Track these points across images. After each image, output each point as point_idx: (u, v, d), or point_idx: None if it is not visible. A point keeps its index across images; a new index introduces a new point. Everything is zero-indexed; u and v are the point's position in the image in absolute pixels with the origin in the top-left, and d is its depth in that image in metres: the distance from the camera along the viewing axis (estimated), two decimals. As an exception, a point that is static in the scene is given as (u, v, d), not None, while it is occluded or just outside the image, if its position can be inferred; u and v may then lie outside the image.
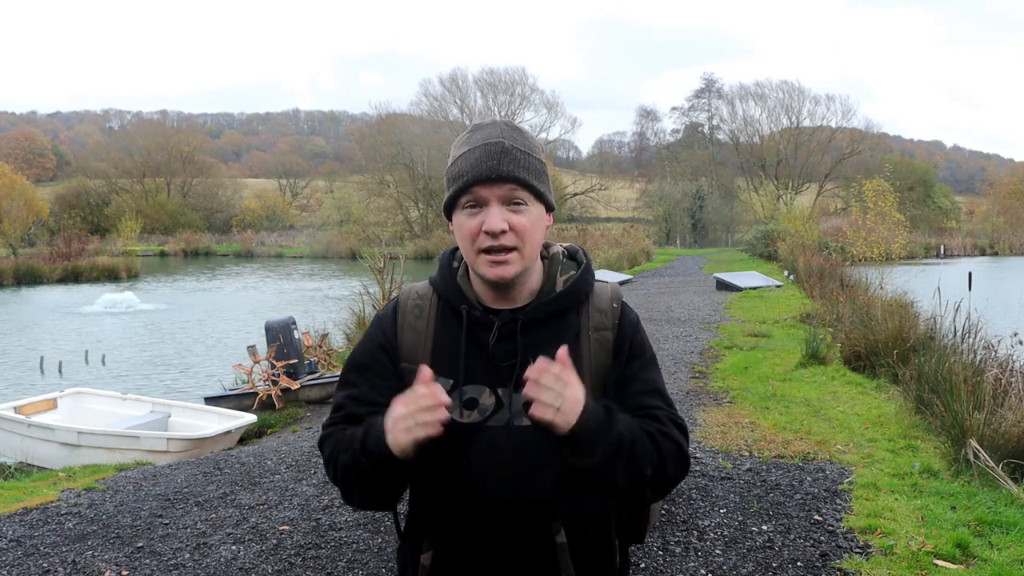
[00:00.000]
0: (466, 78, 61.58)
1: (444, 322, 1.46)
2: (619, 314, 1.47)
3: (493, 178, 1.36)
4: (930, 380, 6.21)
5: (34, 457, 7.38)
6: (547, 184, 1.43)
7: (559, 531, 1.39)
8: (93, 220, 59.95)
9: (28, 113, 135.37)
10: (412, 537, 1.49)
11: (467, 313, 1.43)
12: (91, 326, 18.87)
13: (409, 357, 1.45)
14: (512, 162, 1.37)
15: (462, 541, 1.41)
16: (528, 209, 1.39)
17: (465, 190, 1.38)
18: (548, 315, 1.43)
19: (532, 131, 10.27)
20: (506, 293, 1.43)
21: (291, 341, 8.85)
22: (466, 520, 1.39)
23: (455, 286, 1.47)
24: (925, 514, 4.14)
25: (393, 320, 1.49)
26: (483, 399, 1.40)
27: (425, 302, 1.49)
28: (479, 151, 1.38)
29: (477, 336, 1.42)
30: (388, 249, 17.43)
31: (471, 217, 1.38)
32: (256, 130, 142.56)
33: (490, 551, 1.40)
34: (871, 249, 18.31)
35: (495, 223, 1.35)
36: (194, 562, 3.91)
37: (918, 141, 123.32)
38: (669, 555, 3.79)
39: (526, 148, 1.40)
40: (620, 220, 56.70)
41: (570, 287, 1.46)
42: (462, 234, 1.40)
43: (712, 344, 10.33)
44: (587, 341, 1.44)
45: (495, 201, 1.37)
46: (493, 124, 1.43)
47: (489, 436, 1.38)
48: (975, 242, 50.51)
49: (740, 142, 63.72)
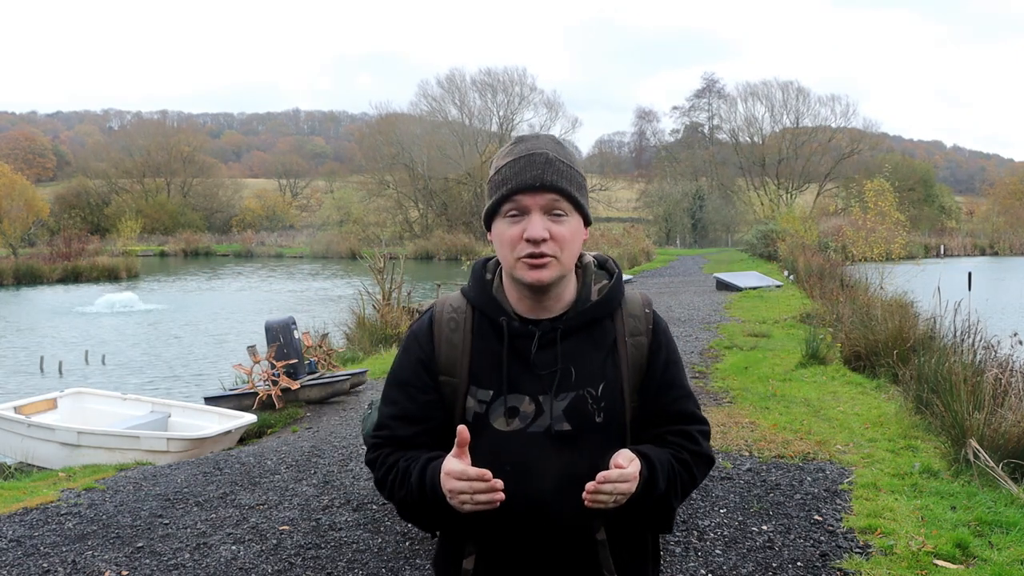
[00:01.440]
0: (464, 79, 61.59)
1: (481, 334, 1.49)
2: (652, 320, 1.54)
3: (537, 187, 1.39)
4: (930, 380, 6.21)
5: (34, 457, 7.37)
6: (586, 197, 1.48)
7: (599, 529, 1.44)
8: (93, 220, 59.90)
9: (28, 113, 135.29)
10: (452, 543, 1.52)
11: (507, 325, 1.46)
12: (91, 326, 18.87)
13: (448, 370, 1.49)
14: (556, 173, 1.40)
15: (504, 544, 1.45)
16: (568, 220, 1.42)
17: (508, 198, 1.41)
18: (585, 323, 1.47)
19: (532, 131, 10.26)
20: (542, 302, 1.46)
21: (291, 341, 8.84)
22: (508, 523, 1.43)
23: (491, 298, 1.50)
24: (925, 514, 4.14)
25: (429, 334, 1.52)
26: (523, 407, 1.44)
27: (460, 315, 1.52)
28: (523, 161, 1.41)
29: (517, 346, 1.45)
30: (388, 249, 17.45)
31: (513, 225, 1.41)
32: (256, 130, 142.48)
33: (532, 553, 1.44)
34: (871, 249, 18.31)
35: (537, 231, 1.38)
36: (194, 562, 3.91)
37: (918, 141, 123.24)
38: (669, 555, 3.79)
39: (569, 161, 1.44)
40: (620, 220, 56.66)
41: (606, 296, 1.50)
42: (503, 240, 1.43)
43: (712, 344, 10.33)
44: (624, 347, 1.49)
45: (537, 210, 1.40)
46: (537, 137, 1.47)
47: (530, 441, 1.43)
48: (975, 242, 50.53)
49: (740, 142, 63.69)
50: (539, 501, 1.41)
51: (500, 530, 1.44)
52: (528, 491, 1.41)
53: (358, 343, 11.91)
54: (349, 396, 8.73)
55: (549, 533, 1.43)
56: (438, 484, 1.36)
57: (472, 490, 1.32)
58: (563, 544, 1.44)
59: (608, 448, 1.41)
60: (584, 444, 1.43)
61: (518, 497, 1.40)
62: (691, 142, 67.21)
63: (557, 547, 1.44)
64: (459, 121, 59.81)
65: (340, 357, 10.46)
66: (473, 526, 1.46)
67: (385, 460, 1.49)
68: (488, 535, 1.46)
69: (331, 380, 8.71)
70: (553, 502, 1.41)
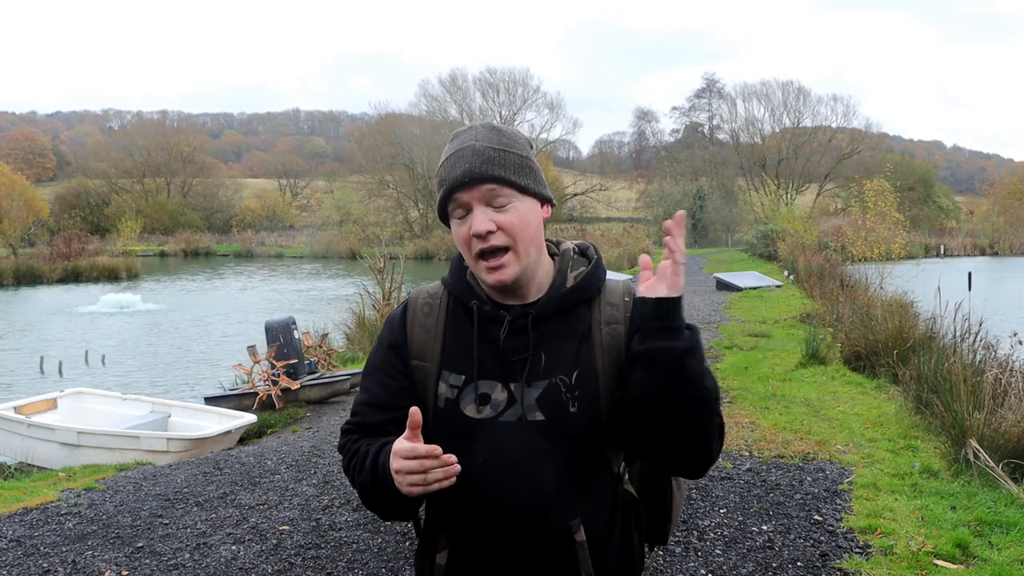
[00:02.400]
0: (466, 78, 61.63)
1: (455, 319, 1.47)
2: (630, 307, 1.46)
3: (467, 182, 1.36)
4: (930, 380, 6.21)
5: (34, 457, 7.37)
6: (533, 176, 1.41)
7: (578, 529, 1.38)
8: (93, 220, 59.91)
9: (28, 113, 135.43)
10: (429, 537, 1.49)
11: (477, 308, 1.43)
12: (91, 326, 18.87)
13: (419, 355, 1.46)
14: (485, 162, 1.36)
15: (477, 539, 1.41)
16: (513, 206, 1.38)
17: (448, 199, 1.39)
18: (559, 310, 1.43)
19: (533, 131, 10.04)
20: (514, 291, 1.44)
21: (291, 341, 8.84)
22: (480, 517, 1.39)
23: (465, 283, 1.47)
24: (925, 514, 4.14)
25: (402, 319, 1.50)
26: (495, 394, 1.40)
27: (436, 300, 1.50)
28: (453, 158, 1.39)
29: (488, 331, 1.42)
30: (388, 249, 17.44)
31: (461, 224, 1.39)
32: (256, 130, 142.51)
33: (506, 548, 1.39)
34: (871, 249, 18.31)
35: (480, 225, 1.36)
36: (194, 562, 3.91)
37: (918, 141, 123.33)
38: (669, 555, 3.79)
39: (502, 146, 1.39)
40: (620, 220, 56.71)
41: (581, 282, 1.46)
42: (458, 242, 1.41)
43: (712, 344, 10.32)
44: (599, 334, 1.44)
45: (477, 204, 1.37)
46: (470, 129, 1.44)
47: (501, 431, 1.38)
48: (975, 242, 50.53)
49: (741, 142, 63.68)
50: (511, 494, 1.36)
51: (471, 523, 1.40)
52: (500, 484, 1.36)
53: (358, 343, 11.91)
54: (349, 396, 8.73)
55: (522, 527, 1.37)
56: (389, 466, 1.31)
57: (423, 468, 1.25)
58: (537, 540, 1.38)
59: (583, 439, 1.37)
60: (558, 435, 1.37)
61: (489, 490, 1.37)
62: (691, 142, 67.19)
63: (532, 544, 1.38)
64: (459, 121, 59.79)
65: (340, 357, 10.46)
66: (444, 518, 1.43)
67: (351, 447, 1.46)
68: (459, 528, 1.42)
69: (331, 380, 8.71)
70: (526, 495, 1.36)
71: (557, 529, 1.38)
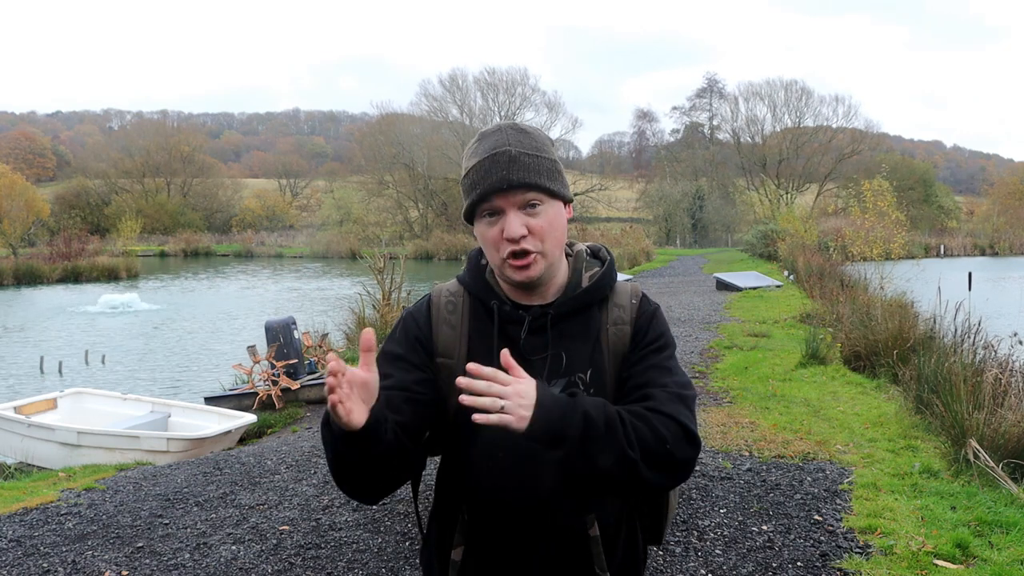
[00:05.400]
0: (466, 78, 61.60)
1: (476, 318, 1.49)
2: (637, 309, 1.50)
3: (505, 188, 1.37)
4: (930, 380, 6.21)
5: (34, 457, 7.37)
6: (560, 179, 1.44)
7: (592, 524, 1.42)
8: (93, 220, 59.93)
9: (28, 113, 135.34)
10: (438, 534, 1.51)
11: (498, 308, 1.46)
12: (91, 326, 18.86)
13: (445, 352, 1.48)
14: (521, 169, 1.38)
15: (494, 534, 1.43)
16: (544, 209, 1.40)
17: (480, 201, 1.40)
18: (575, 309, 1.46)
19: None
20: (534, 290, 1.46)
21: (291, 341, 8.85)
22: (500, 512, 1.42)
23: (484, 283, 1.50)
24: (925, 514, 4.14)
25: (428, 315, 1.51)
26: None
27: (458, 299, 1.52)
28: (488, 162, 1.39)
29: (508, 331, 1.45)
30: (388, 249, 17.45)
31: (491, 226, 1.41)
32: (256, 130, 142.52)
33: (522, 544, 1.42)
34: (871, 248, 18.30)
35: (514, 230, 1.37)
36: (194, 562, 3.91)
37: (918, 141, 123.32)
38: (669, 555, 3.79)
39: (534, 150, 1.41)
40: (620, 220, 56.68)
41: (596, 282, 1.49)
42: (485, 241, 1.43)
43: (712, 344, 10.33)
44: (606, 335, 1.47)
45: (511, 208, 1.39)
46: (499, 130, 1.43)
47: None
48: (975, 242, 50.54)
49: (741, 142, 63.68)
50: (532, 490, 1.40)
51: (490, 520, 1.43)
52: (521, 481, 1.39)
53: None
54: (349, 396, 8.72)
55: (540, 524, 1.41)
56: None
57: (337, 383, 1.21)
58: (554, 536, 1.42)
59: None
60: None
61: (510, 487, 1.39)
62: (691, 142, 67.22)
63: (548, 539, 1.41)
64: (459, 121, 59.80)
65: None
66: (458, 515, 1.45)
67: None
68: (477, 525, 1.44)
69: (331, 380, 8.70)
70: (547, 491, 1.40)
71: (573, 524, 1.42)
